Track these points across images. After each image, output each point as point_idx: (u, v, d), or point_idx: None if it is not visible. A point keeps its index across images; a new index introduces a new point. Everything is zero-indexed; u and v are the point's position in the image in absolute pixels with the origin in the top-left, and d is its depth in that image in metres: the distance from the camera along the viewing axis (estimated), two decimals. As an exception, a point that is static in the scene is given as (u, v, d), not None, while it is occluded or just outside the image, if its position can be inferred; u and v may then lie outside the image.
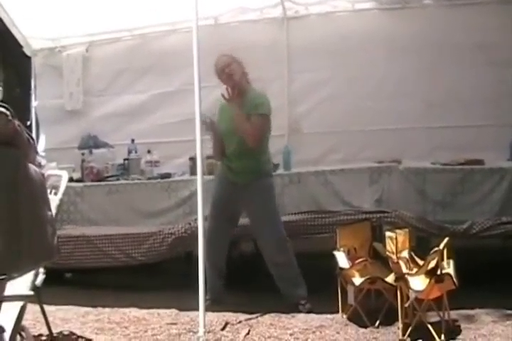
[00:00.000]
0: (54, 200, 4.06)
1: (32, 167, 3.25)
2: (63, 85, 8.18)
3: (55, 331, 4.66)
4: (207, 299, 5.30)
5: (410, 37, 7.15)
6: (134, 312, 5.64)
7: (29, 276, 3.84)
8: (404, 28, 7.20)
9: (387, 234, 4.93)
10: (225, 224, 5.83)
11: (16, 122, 3.22)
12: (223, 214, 5.81)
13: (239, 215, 5.92)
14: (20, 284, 3.75)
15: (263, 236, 5.73)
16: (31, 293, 3.84)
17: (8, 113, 3.16)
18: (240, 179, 5.72)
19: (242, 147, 5.66)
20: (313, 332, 4.94)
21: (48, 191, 3.95)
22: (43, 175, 3.45)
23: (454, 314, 4.96)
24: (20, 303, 3.70)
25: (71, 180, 6.92)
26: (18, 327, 3.68)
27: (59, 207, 4.16)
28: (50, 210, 3.44)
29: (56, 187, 4.26)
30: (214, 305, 5.54)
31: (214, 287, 5.75)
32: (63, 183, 4.29)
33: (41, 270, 4.01)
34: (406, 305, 4.68)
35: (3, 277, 3.22)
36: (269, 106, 5.73)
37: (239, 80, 5.71)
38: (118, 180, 7.35)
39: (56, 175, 4.45)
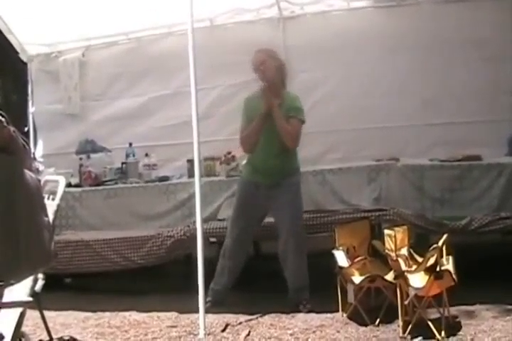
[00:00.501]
0: (51, 206, 4.06)
1: (28, 173, 3.26)
2: (61, 90, 8.18)
3: (55, 336, 4.66)
4: (207, 301, 5.32)
5: (406, 34, 7.14)
6: (134, 315, 5.64)
7: (28, 282, 3.84)
8: (400, 26, 7.19)
9: (386, 231, 4.92)
10: (250, 227, 5.84)
11: (12, 128, 3.23)
12: (250, 218, 5.80)
13: (265, 217, 5.90)
14: (20, 290, 3.76)
15: (286, 236, 5.68)
16: (30, 299, 3.84)
17: (3, 119, 3.17)
18: (268, 179, 5.69)
19: (276, 145, 5.66)
20: (314, 331, 4.94)
21: (46, 197, 3.96)
22: (39, 180, 3.46)
23: (454, 310, 4.98)
24: (20, 309, 3.71)
25: (69, 185, 6.94)
26: (17, 334, 3.69)
27: (56, 212, 4.14)
28: (46, 216, 3.45)
29: (54, 193, 4.25)
30: (214, 306, 5.54)
31: (221, 289, 5.77)
32: (60, 188, 4.28)
33: (40, 276, 4.01)
34: (406, 302, 4.68)
35: (1, 283, 3.23)
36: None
37: (271, 77, 5.70)
38: (116, 184, 7.31)
39: (53, 181, 4.44)
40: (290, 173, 5.78)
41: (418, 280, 4.64)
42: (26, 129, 8.16)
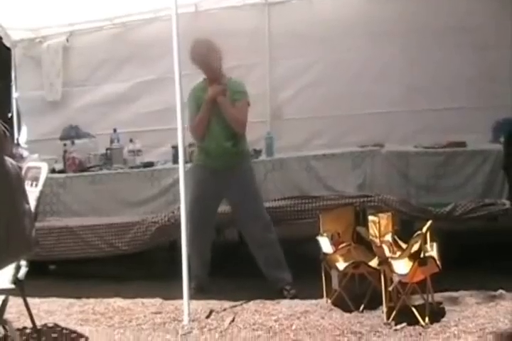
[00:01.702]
0: (34, 192, 4.04)
1: (8, 159, 3.23)
2: (43, 76, 8.12)
3: (39, 323, 4.69)
4: (191, 288, 5.31)
5: (393, 21, 7.10)
6: (118, 302, 5.66)
7: (10, 269, 3.83)
8: (387, 12, 7.15)
9: (371, 218, 4.94)
10: (209, 212, 5.82)
11: (-9, 114, 3.20)
12: (207, 207, 5.79)
13: (220, 202, 5.90)
14: (2, 278, 3.74)
15: (250, 220, 5.72)
16: (12, 286, 3.83)
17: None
18: (221, 164, 5.69)
19: (226, 130, 5.68)
20: (298, 317, 4.97)
21: (29, 183, 3.94)
22: (20, 167, 3.43)
23: (438, 296, 5.01)
24: (2, 297, 3.70)
25: (53, 171, 6.93)
26: (0, 321, 3.68)
27: (39, 199, 4.13)
28: (27, 203, 3.42)
29: (37, 179, 4.23)
30: (198, 293, 5.54)
31: (199, 275, 5.76)
32: (43, 175, 4.26)
33: (23, 263, 4.00)
34: (390, 288, 4.70)
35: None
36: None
37: (215, 67, 5.74)
38: (101, 170, 7.26)
39: (36, 168, 4.41)
40: (242, 156, 5.84)
41: (402, 266, 4.66)
42: (10, 115, 8.12)
